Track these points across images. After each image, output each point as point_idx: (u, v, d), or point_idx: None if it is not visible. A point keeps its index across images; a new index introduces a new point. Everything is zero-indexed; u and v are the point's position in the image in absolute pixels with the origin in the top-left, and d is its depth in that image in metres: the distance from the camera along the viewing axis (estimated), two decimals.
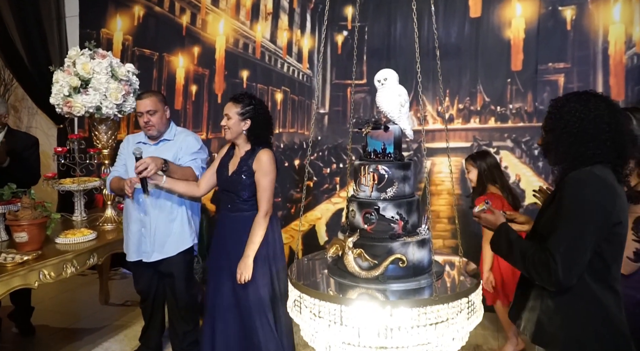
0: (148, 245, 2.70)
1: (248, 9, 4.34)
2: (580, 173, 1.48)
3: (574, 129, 1.51)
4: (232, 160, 2.56)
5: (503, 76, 3.66)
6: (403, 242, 1.63)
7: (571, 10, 3.51)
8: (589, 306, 1.50)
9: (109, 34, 4.75)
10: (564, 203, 1.47)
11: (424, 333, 1.46)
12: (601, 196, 1.44)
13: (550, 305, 1.55)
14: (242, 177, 2.45)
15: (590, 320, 1.50)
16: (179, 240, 2.74)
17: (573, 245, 1.43)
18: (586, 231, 1.43)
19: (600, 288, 1.49)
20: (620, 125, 1.52)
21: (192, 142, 2.77)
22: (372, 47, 3.92)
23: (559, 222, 1.46)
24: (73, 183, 3.24)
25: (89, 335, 3.40)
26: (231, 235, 2.51)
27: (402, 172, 1.70)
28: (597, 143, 1.49)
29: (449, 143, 3.84)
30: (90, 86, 2.95)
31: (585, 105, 1.52)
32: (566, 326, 1.52)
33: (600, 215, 1.44)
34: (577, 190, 1.46)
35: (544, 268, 1.45)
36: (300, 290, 1.60)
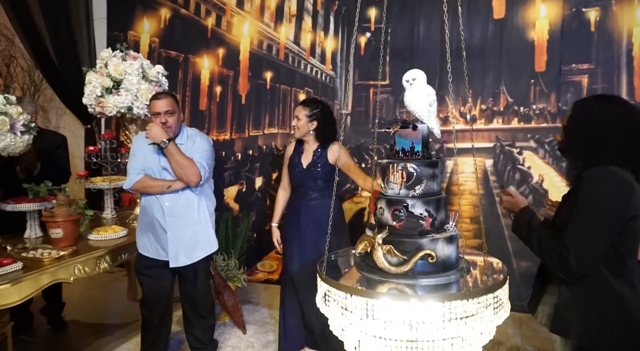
0: (175, 249, 2.68)
1: (272, 11, 4.41)
2: (598, 171, 1.54)
3: (593, 130, 1.58)
4: (303, 155, 2.93)
5: (527, 77, 3.67)
6: (432, 238, 1.66)
7: (595, 12, 3.50)
8: (605, 297, 1.55)
9: (136, 36, 4.86)
10: (581, 198, 1.53)
11: (454, 327, 1.49)
12: (617, 192, 1.50)
13: (567, 295, 1.61)
14: (317, 168, 2.84)
15: (606, 310, 1.55)
16: (206, 243, 2.77)
17: (586, 237, 1.49)
18: (600, 224, 1.49)
19: (616, 279, 1.55)
20: (638, 127, 1.58)
21: (201, 143, 2.73)
22: (395, 48, 3.96)
23: (575, 215, 1.52)
24: (104, 181, 3.34)
25: (119, 329, 3.50)
26: (311, 220, 2.86)
27: (430, 170, 1.73)
28: (615, 145, 1.55)
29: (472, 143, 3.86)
30: (122, 87, 3.04)
31: (604, 108, 1.59)
32: (583, 316, 1.57)
33: (615, 209, 1.50)
34: (594, 186, 1.52)
35: (558, 257, 1.52)
36: (330, 284, 1.65)
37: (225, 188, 4.56)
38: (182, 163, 2.57)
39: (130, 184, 2.66)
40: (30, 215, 2.93)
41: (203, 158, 2.66)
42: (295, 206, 2.95)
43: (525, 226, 1.67)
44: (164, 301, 2.82)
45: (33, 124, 2.80)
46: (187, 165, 2.58)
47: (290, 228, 2.95)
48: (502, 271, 1.70)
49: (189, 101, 4.68)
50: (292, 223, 2.95)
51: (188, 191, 2.67)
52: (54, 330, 3.54)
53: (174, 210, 2.66)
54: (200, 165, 2.61)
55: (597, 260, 1.52)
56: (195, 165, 2.60)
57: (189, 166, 2.58)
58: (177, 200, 2.66)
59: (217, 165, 3.10)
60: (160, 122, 2.60)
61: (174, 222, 2.66)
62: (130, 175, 2.67)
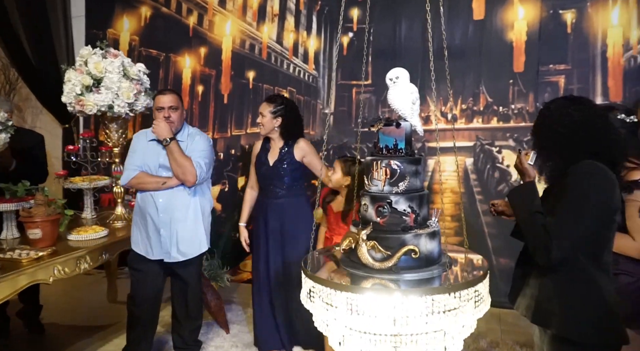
0: (167, 246, 2.70)
1: (255, 11, 4.40)
2: (585, 165, 1.58)
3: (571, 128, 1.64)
4: (270, 153, 2.89)
5: (505, 77, 3.74)
6: (415, 234, 1.69)
7: (571, 14, 3.60)
8: (585, 287, 1.60)
9: (115, 34, 4.81)
10: (568, 191, 1.57)
11: (436, 320, 1.52)
12: (604, 186, 1.56)
13: (548, 286, 1.65)
14: (283, 165, 2.81)
15: (586, 300, 1.60)
16: (198, 241, 2.77)
17: (571, 228, 1.54)
18: (586, 217, 1.54)
19: (596, 270, 1.60)
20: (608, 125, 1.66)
21: (200, 142, 2.79)
22: (378, 48, 4.00)
23: (562, 207, 1.56)
24: (84, 181, 3.30)
25: (98, 332, 3.45)
26: (280, 219, 2.84)
27: (413, 167, 1.76)
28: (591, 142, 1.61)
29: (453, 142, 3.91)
30: (103, 85, 3.00)
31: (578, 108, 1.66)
32: (564, 307, 1.62)
33: (603, 203, 1.55)
34: (583, 179, 1.56)
35: (541, 245, 1.57)
36: (315, 280, 1.66)
37: None
38: (180, 162, 2.62)
39: (127, 180, 2.71)
40: (7, 215, 2.88)
41: (201, 157, 2.70)
42: (262, 205, 2.94)
43: (529, 202, 1.66)
44: (152, 299, 2.82)
45: (10, 123, 2.75)
46: (185, 164, 2.62)
47: (258, 227, 2.94)
48: (482, 266, 1.74)
49: None
50: (259, 222, 2.94)
51: (183, 189, 2.70)
52: (31, 334, 3.47)
53: (167, 207, 2.68)
54: (198, 165, 2.66)
55: (577, 250, 1.57)
56: (192, 165, 2.64)
57: (187, 165, 2.63)
58: (171, 197, 2.69)
59: None
60: (163, 116, 2.66)
61: (167, 219, 2.68)
62: (127, 171, 2.72)
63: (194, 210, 2.74)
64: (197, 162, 2.66)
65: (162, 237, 2.69)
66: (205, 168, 2.70)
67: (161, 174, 2.71)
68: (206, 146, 2.79)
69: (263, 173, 2.90)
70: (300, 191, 2.93)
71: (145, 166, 2.71)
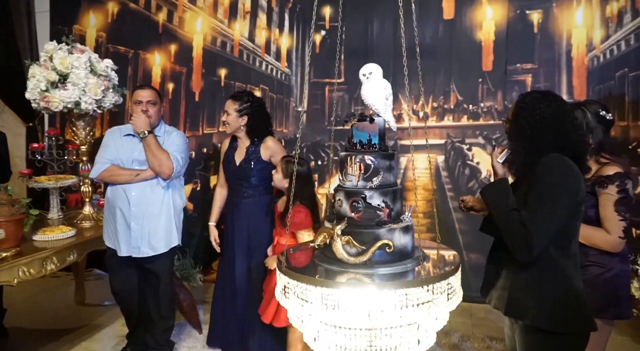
0: (138, 240, 2.69)
1: (226, 8, 4.36)
2: (551, 158, 1.62)
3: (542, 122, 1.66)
4: (237, 151, 2.82)
5: (475, 76, 3.82)
6: (389, 228, 1.70)
7: (538, 14, 3.69)
8: (555, 277, 1.64)
9: (81, 30, 4.68)
10: (539, 185, 1.60)
11: (410, 313, 1.54)
12: (572, 178, 1.60)
13: (521, 279, 1.68)
14: (250, 164, 2.74)
15: (557, 290, 1.64)
16: (168, 236, 2.75)
17: (547, 222, 1.57)
18: (559, 209, 1.58)
19: (565, 260, 1.65)
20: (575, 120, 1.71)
21: (176, 138, 2.81)
22: (350, 46, 4.00)
23: (535, 202, 1.59)
24: (49, 180, 3.20)
25: (66, 335, 3.36)
26: (247, 218, 2.78)
27: (387, 162, 1.77)
28: (561, 136, 1.65)
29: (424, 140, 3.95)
30: (69, 81, 2.92)
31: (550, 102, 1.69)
32: (536, 298, 1.65)
33: (572, 194, 1.59)
34: (552, 172, 1.60)
35: (521, 240, 1.58)
36: (290, 276, 1.65)
37: None
38: (157, 154, 2.62)
39: (97, 172, 2.69)
40: None
41: (177, 151, 2.72)
42: (230, 204, 2.91)
43: (502, 198, 1.68)
44: (132, 293, 2.85)
45: None
46: (162, 156, 2.63)
47: (227, 227, 2.91)
48: (454, 260, 1.77)
49: None
50: (228, 221, 2.91)
51: (156, 183, 2.70)
52: None
53: (140, 200, 2.67)
54: (175, 158, 2.67)
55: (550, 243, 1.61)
56: (169, 158, 2.65)
57: (164, 158, 2.63)
58: (144, 190, 2.68)
59: None
60: (141, 110, 2.65)
61: (138, 213, 2.67)
62: (97, 165, 2.71)
63: (167, 204, 2.74)
64: (173, 155, 2.67)
65: (133, 231, 2.68)
66: (181, 163, 2.72)
67: (134, 168, 2.70)
68: (182, 142, 2.81)
69: (230, 173, 2.85)
70: (267, 191, 2.85)
71: (117, 160, 2.70)
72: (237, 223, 2.82)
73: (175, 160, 2.66)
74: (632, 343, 3.14)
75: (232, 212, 2.87)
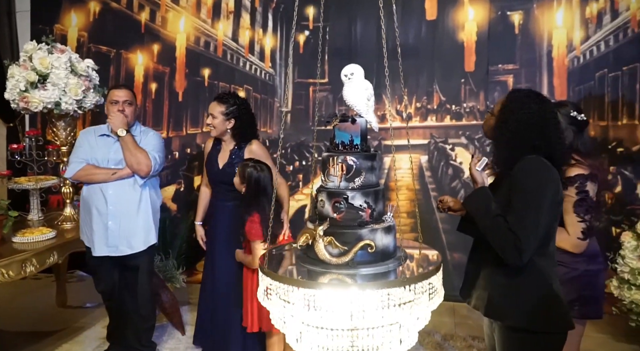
0: (116, 239, 2.68)
1: (209, 7, 4.34)
2: (531, 161, 1.64)
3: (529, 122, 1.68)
4: (220, 154, 2.76)
5: (457, 76, 3.85)
6: (371, 229, 1.70)
7: (519, 15, 3.74)
8: (535, 278, 1.66)
9: (63, 29, 4.62)
10: (521, 189, 1.62)
11: (392, 313, 1.54)
12: (551, 180, 1.62)
13: (501, 281, 1.69)
14: (233, 168, 2.64)
15: (537, 291, 1.66)
16: (146, 234, 2.74)
17: (533, 225, 1.58)
18: (543, 211, 1.60)
19: (543, 260, 1.67)
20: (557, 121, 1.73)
21: (153, 138, 2.80)
22: (334, 46, 4.02)
23: (520, 208, 1.60)
24: (29, 181, 3.15)
25: (47, 337, 3.31)
26: (228, 221, 2.72)
27: (369, 163, 1.78)
28: (543, 136, 1.66)
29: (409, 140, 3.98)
30: (49, 81, 2.88)
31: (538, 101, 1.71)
32: (516, 299, 1.67)
33: (552, 196, 1.61)
34: (531, 175, 1.62)
35: (510, 246, 1.59)
36: (272, 278, 1.65)
37: (162, 188, 4.42)
38: (135, 153, 2.62)
39: (73, 172, 2.67)
40: None
41: (155, 150, 2.71)
42: (213, 206, 2.88)
43: (484, 207, 1.70)
44: (116, 292, 2.86)
45: None
46: (140, 155, 2.63)
47: (210, 227, 2.89)
48: (436, 259, 1.78)
49: None
50: (211, 222, 2.88)
51: (133, 182, 2.69)
52: None
53: (117, 199, 2.66)
54: (152, 157, 2.66)
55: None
56: (147, 157, 2.64)
57: (142, 156, 2.63)
58: (121, 189, 2.67)
59: None
60: (117, 110, 2.64)
61: (116, 211, 2.66)
62: (72, 164, 2.68)
63: (145, 203, 2.73)
64: (151, 154, 2.67)
65: (110, 230, 2.66)
66: (159, 161, 2.71)
67: (110, 167, 2.69)
68: (159, 142, 2.80)
69: (212, 175, 2.81)
70: None
71: (93, 160, 2.68)
72: (219, 225, 2.79)
73: (153, 159, 2.66)
74: (612, 341, 3.19)
75: (215, 213, 2.85)
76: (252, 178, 2.42)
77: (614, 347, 3.10)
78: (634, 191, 3.54)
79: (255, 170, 2.43)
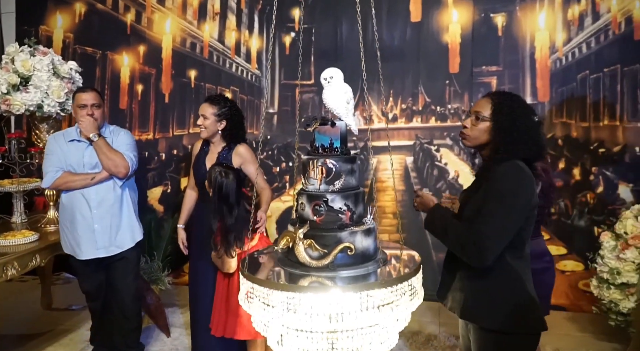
0: (105, 240, 2.69)
1: (195, 9, 4.33)
2: (506, 166, 1.65)
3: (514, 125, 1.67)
4: (208, 156, 2.76)
5: (442, 78, 3.87)
6: (351, 231, 1.71)
7: (502, 17, 3.77)
8: (509, 280, 1.68)
9: (48, 31, 4.59)
10: (493, 191, 1.63)
11: (372, 315, 1.56)
12: (525, 185, 1.63)
13: (476, 283, 1.71)
14: None
15: (511, 292, 1.68)
16: (132, 231, 2.77)
17: (501, 227, 1.60)
18: (513, 215, 1.61)
19: (518, 262, 1.68)
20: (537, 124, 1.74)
21: (124, 137, 2.79)
22: (320, 48, 4.03)
23: (489, 208, 1.61)
24: (12, 184, 3.13)
25: (31, 340, 3.29)
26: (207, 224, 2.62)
27: (349, 165, 1.79)
28: (524, 140, 1.67)
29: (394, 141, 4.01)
30: (31, 84, 2.86)
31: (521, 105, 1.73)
32: (491, 301, 1.68)
33: (524, 200, 1.63)
34: (506, 180, 1.63)
35: (474, 248, 1.60)
36: (253, 281, 1.66)
37: (148, 189, 4.41)
38: (111, 156, 2.61)
39: (50, 182, 2.64)
40: None
41: (129, 150, 2.71)
42: (199, 207, 2.86)
43: (439, 222, 1.73)
44: (101, 293, 2.86)
45: None
46: (116, 158, 2.62)
47: (195, 230, 2.87)
48: (416, 261, 1.80)
49: (108, 99, 4.47)
50: (196, 224, 2.87)
51: (113, 183, 2.69)
52: None
53: (100, 202, 2.67)
54: (129, 158, 2.67)
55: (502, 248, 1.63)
56: (124, 158, 2.64)
57: (118, 159, 2.63)
58: (103, 191, 2.67)
59: (140, 166, 3.01)
60: (86, 114, 2.61)
61: (100, 214, 2.67)
62: (48, 174, 2.64)
63: (126, 202, 2.75)
64: (126, 155, 2.67)
65: (97, 233, 2.67)
66: (134, 161, 2.72)
67: (87, 172, 2.67)
68: (131, 141, 2.80)
69: (200, 177, 2.80)
70: None
71: (68, 166, 2.66)
72: (204, 226, 2.79)
73: (129, 160, 2.67)
74: (593, 340, 3.22)
75: (200, 214, 2.84)
76: (217, 183, 2.40)
77: (596, 346, 3.14)
78: (615, 191, 3.58)
79: (220, 176, 2.39)
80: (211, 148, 2.79)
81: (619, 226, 2.87)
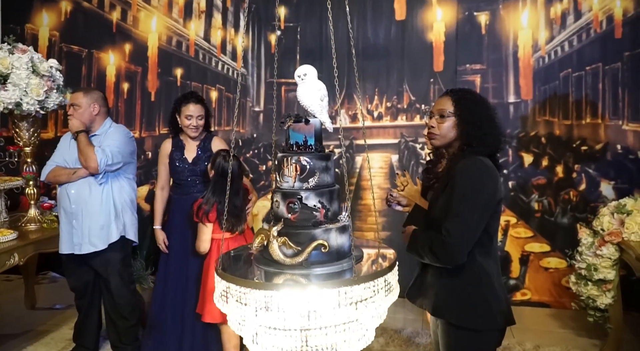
0: (80, 237, 2.70)
1: (181, 7, 4.32)
2: (469, 162, 1.65)
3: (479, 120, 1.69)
4: (185, 149, 2.87)
5: (427, 76, 3.88)
6: (325, 229, 1.71)
7: (485, 16, 3.79)
8: (477, 277, 1.68)
9: (34, 29, 4.57)
10: (457, 189, 1.63)
11: (346, 312, 1.56)
12: (488, 180, 1.64)
13: (447, 281, 1.71)
14: (204, 162, 2.81)
15: (480, 289, 1.68)
16: (107, 232, 2.74)
17: (469, 225, 1.60)
18: (478, 212, 1.61)
19: (485, 259, 1.69)
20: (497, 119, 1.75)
21: (114, 133, 2.80)
22: (305, 47, 4.03)
23: (455, 206, 1.61)
24: None
25: (11, 340, 3.26)
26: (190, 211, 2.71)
27: (323, 163, 1.79)
28: (489, 135, 1.69)
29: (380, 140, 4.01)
30: (9, 82, 2.84)
31: (481, 100, 1.75)
32: (459, 297, 1.69)
33: (488, 196, 1.63)
34: (468, 177, 1.63)
35: (444, 249, 1.61)
36: (228, 280, 1.65)
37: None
38: (83, 150, 2.65)
39: (44, 175, 2.78)
40: None
41: (109, 146, 2.70)
42: (179, 202, 2.88)
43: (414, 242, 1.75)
44: (88, 291, 2.89)
45: None
46: (87, 153, 2.65)
47: (174, 226, 2.89)
48: (391, 257, 1.81)
49: None
50: (176, 220, 2.89)
51: (93, 180, 2.71)
52: None
53: (78, 198, 2.70)
54: (101, 152, 2.65)
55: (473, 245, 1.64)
56: (94, 154, 2.64)
57: (89, 153, 2.64)
58: (82, 188, 2.70)
59: None
60: (69, 113, 2.72)
61: (78, 210, 2.70)
62: (45, 167, 2.79)
63: (106, 201, 2.73)
64: (100, 149, 2.66)
65: (75, 229, 2.71)
66: (110, 155, 2.66)
67: (73, 167, 2.75)
68: (118, 137, 2.78)
69: (181, 171, 2.86)
70: None
71: (63, 162, 2.76)
72: (186, 217, 2.79)
73: (102, 153, 2.64)
74: (574, 336, 3.25)
75: (182, 210, 2.83)
76: (220, 166, 2.57)
77: (576, 342, 3.16)
78: (597, 189, 3.61)
79: (224, 160, 2.58)
80: (185, 144, 2.89)
81: (596, 223, 2.89)
